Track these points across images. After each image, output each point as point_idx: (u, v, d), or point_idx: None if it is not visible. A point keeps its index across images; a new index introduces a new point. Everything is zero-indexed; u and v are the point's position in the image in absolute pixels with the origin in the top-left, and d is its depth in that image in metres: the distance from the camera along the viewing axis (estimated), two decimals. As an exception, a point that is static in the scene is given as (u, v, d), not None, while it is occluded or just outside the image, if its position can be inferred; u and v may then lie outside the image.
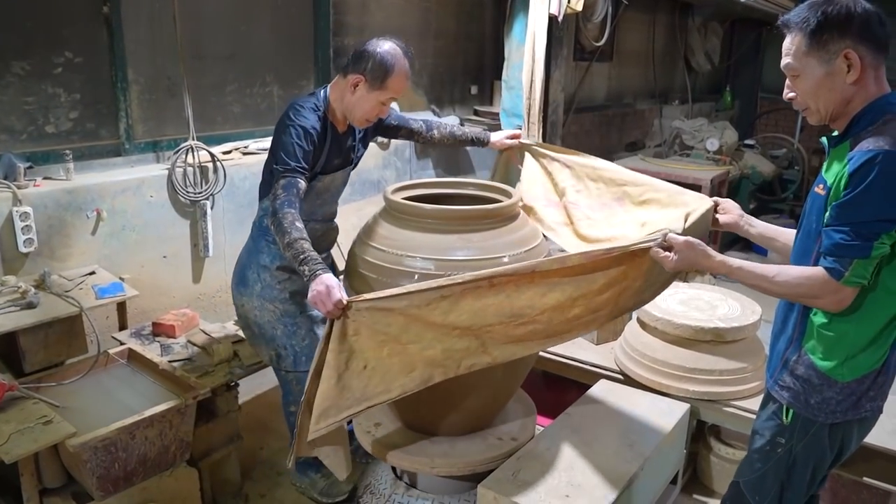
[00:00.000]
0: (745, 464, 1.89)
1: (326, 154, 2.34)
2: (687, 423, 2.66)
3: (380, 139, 4.03)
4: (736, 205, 2.13)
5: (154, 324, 2.86)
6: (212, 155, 3.14)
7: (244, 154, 3.38)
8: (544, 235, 2.51)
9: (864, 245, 1.51)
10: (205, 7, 3.28)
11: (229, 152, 3.30)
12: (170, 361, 2.60)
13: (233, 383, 2.66)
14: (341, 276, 2.53)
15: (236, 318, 2.65)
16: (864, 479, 2.57)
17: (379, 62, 2.21)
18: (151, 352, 2.68)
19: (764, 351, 2.78)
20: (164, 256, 3.12)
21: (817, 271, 1.59)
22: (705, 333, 2.66)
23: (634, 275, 1.89)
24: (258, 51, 3.56)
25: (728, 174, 5.50)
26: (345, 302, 1.81)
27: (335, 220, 2.65)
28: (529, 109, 4.23)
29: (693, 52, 7.84)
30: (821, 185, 1.63)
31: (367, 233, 2.36)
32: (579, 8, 4.13)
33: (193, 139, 3.10)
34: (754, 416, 2.54)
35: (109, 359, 2.62)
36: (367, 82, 2.24)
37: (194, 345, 2.80)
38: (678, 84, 8.01)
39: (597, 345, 3.09)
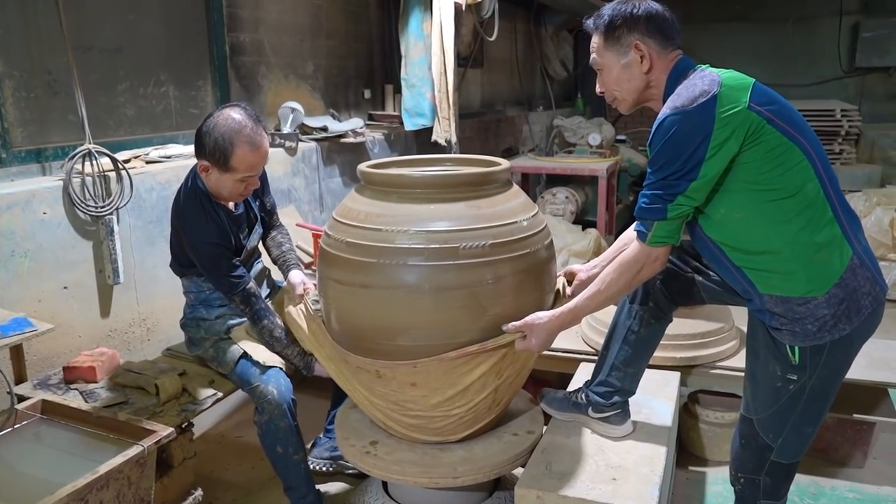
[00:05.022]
0: (756, 402, 1.81)
1: (232, 238, 2.25)
2: (679, 393, 2.59)
3: (287, 144, 3.66)
4: (574, 267, 2.25)
5: (66, 368, 2.32)
6: (114, 161, 2.63)
7: (147, 163, 2.88)
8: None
9: (661, 208, 1.63)
10: (84, -10, 2.78)
11: (128, 161, 2.79)
12: (105, 407, 2.09)
13: (185, 424, 2.19)
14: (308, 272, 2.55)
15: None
16: (854, 416, 2.63)
17: (214, 144, 2.06)
18: (73, 401, 2.14)
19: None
20: (65, 287, 2.54)
21: (629, 249, 1.75)
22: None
23: (508, 371, 1.99)
24: (149, 44, 3.08)
25: (617, 165, 5.68)
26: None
27: (260, 261, 2.50)
28: (440, 104, 4.07)
29: (549, 60, 8.14)
30: None
31: (345, 215, 2.03)
32: (479, -2, 4.06)
33: (90, 142, 2.57)
34: (742, 374, 2.52)
35: (17, 416, 2.05)
36: (213, 166, 2.10)
37: (124, 386, 2.29)
38: (539, 91, 8.27)
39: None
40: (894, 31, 8.09)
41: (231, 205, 2.27)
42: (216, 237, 2.15)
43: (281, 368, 2.25)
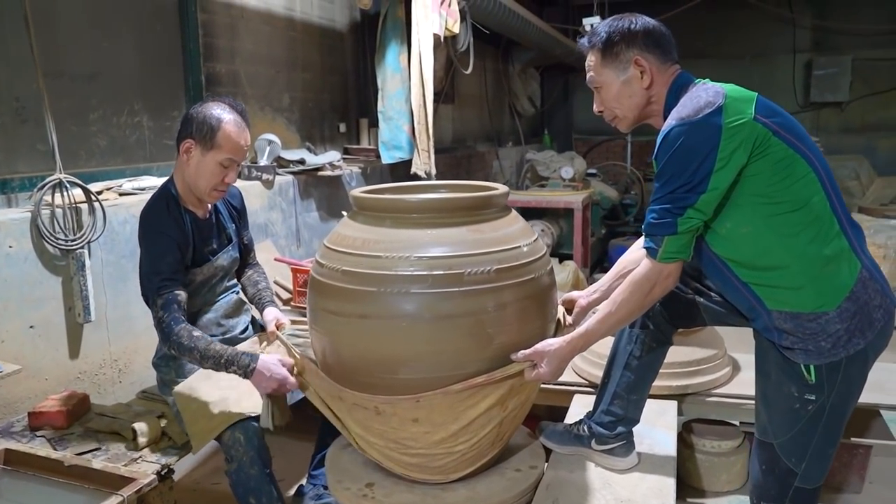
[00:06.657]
0: (773, 425, 1.75)
1: (192, 246, 2.15)
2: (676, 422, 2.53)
3: (265, 176, 3.56)
4: (574, 294, 2.20)
5: (31, 414, 2.15)
6: (87, 192, 2.49)
7: (120, 195, 2.74)
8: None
9: (671, 222, 1.59)
10: (58, 13, 2.68)
11: (101, 192, 2.65)
12: (77, 455, 1.92)
13: (165, 471, 2.04)
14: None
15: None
16: (851, 439, 2.60)
17: (202, 119, 2.08)
18: (40, 449, 1.97)
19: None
20: (31, 326, 2.37)
21: (640, 267, 1.70)
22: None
23: (513, 403, 1.89)
24: (123, 72, 2.97)
25: (591, 197, 5.70)
26: (289, 368, 2.00)
27: (237, 291, 2.39)
28: (419, 136, 4.03)
29: (517, 97, 8.24)
30: None
31: (339, 242, 1.93)
32: (456, 30, 4.07)
33: (61, 172, 2.44)
34: (739, 402, 2.46)
35: (-21, 467, 1.87)
36: (198, 144, 2.08)
37: (98, 432, 2.13)
38: (507, 127, 8.34)
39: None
40: (843, 69, 8.42)
41: (207, 208, 2.22)
42: (171, 231, 2.07)
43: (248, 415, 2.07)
